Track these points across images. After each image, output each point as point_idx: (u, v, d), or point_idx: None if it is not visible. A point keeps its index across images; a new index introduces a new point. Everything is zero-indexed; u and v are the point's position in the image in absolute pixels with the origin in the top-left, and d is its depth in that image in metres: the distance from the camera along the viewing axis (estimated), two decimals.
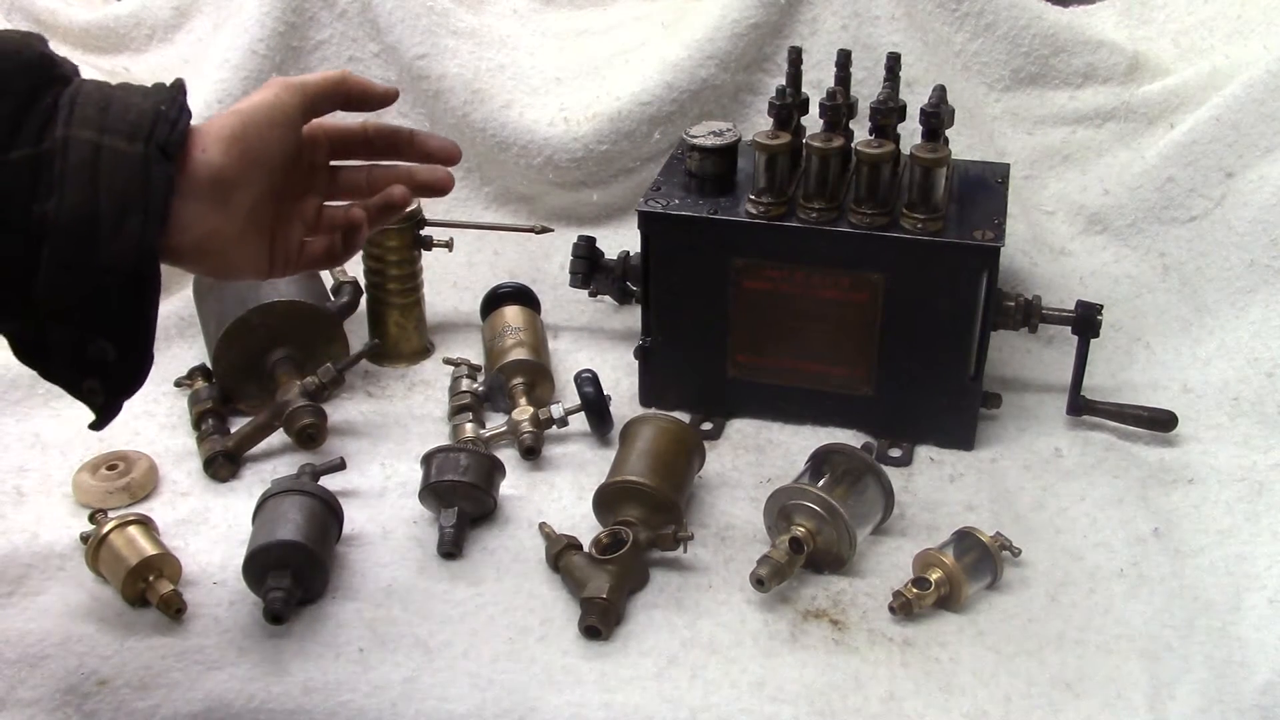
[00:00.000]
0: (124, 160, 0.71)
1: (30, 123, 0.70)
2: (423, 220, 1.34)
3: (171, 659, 0.95)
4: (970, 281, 1.13)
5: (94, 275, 0.71)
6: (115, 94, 0.73)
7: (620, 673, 0.94)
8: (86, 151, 0.70)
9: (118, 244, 0.71)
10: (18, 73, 0.71)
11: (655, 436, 1.11)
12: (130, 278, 0.72)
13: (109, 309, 0.73)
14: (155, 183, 0.71)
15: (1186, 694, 0.92)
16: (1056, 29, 1.43)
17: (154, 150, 0.71)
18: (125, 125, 0.71)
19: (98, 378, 0.75)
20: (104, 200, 0.70)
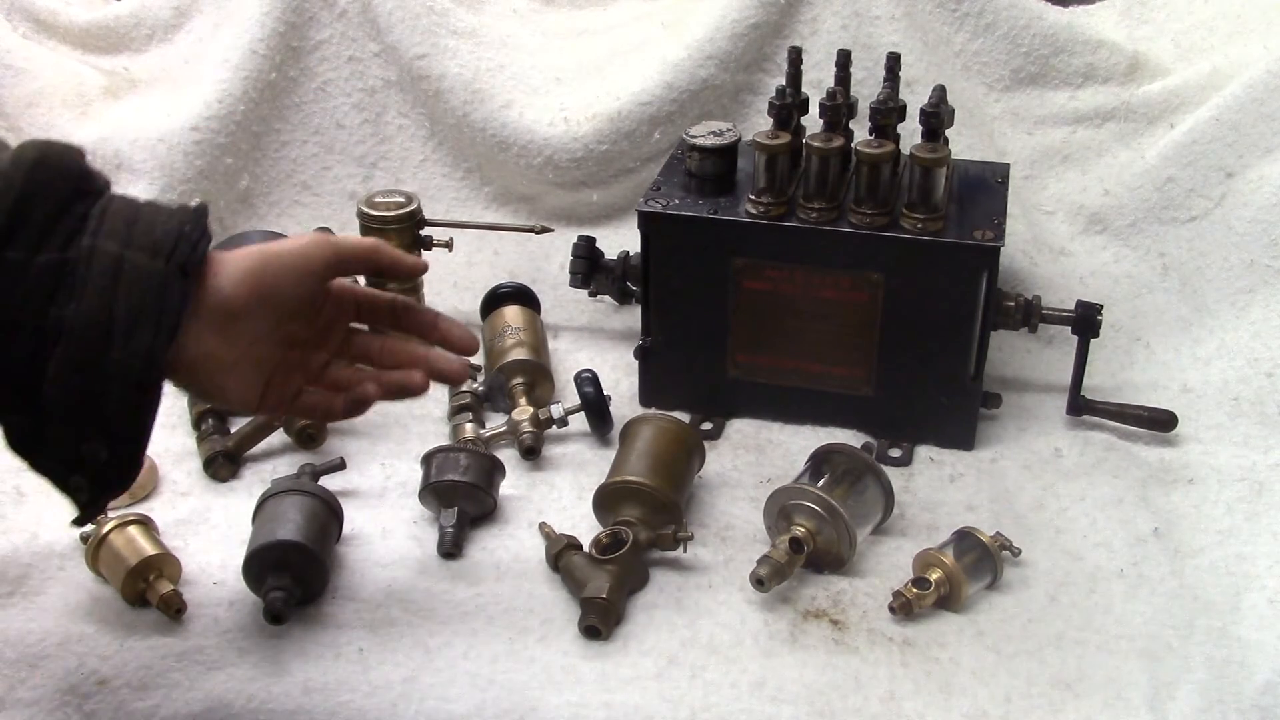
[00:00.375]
0: (144, 274, 0.74)
1: (60, 229, 0.73)
2: (423, 220, 1.34)
3: (171, 659, 0.95)
4: (970, 281, 1.13)
5: (101, 379, 0.74)
6: (143, 211, 0.77)
7: (620, 673, 0.94)
8: (109, 263, 0.73)
9: (128, 352, 0.74)
10: (57, 181, 0.75)
11: (655, 436, 1.11)
12: (134, 385, 0.75)
13: (108, 412, 0.75)
14: (170, 298, 0.75)
15: (1186, 694, 0.92)
16: (1056, 29, 1.43)
17: (173, 268, 0.75)
18: (149, 242, 0.75)
19: (86, 476, 0.77)
20: (120, 309, 0.73)
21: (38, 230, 0.73)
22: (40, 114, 1.45)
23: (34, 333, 0.73)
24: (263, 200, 1.51)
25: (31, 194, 0.73)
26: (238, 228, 1.46)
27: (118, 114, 1.47)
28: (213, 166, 1.44)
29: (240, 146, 1.47)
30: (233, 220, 1.48)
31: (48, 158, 0.75)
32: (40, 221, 0.73)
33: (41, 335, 0.73)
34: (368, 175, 1.55)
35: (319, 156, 1.54)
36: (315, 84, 1.52)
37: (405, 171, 1.56)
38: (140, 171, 1.40)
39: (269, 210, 1.51)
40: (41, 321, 0.72)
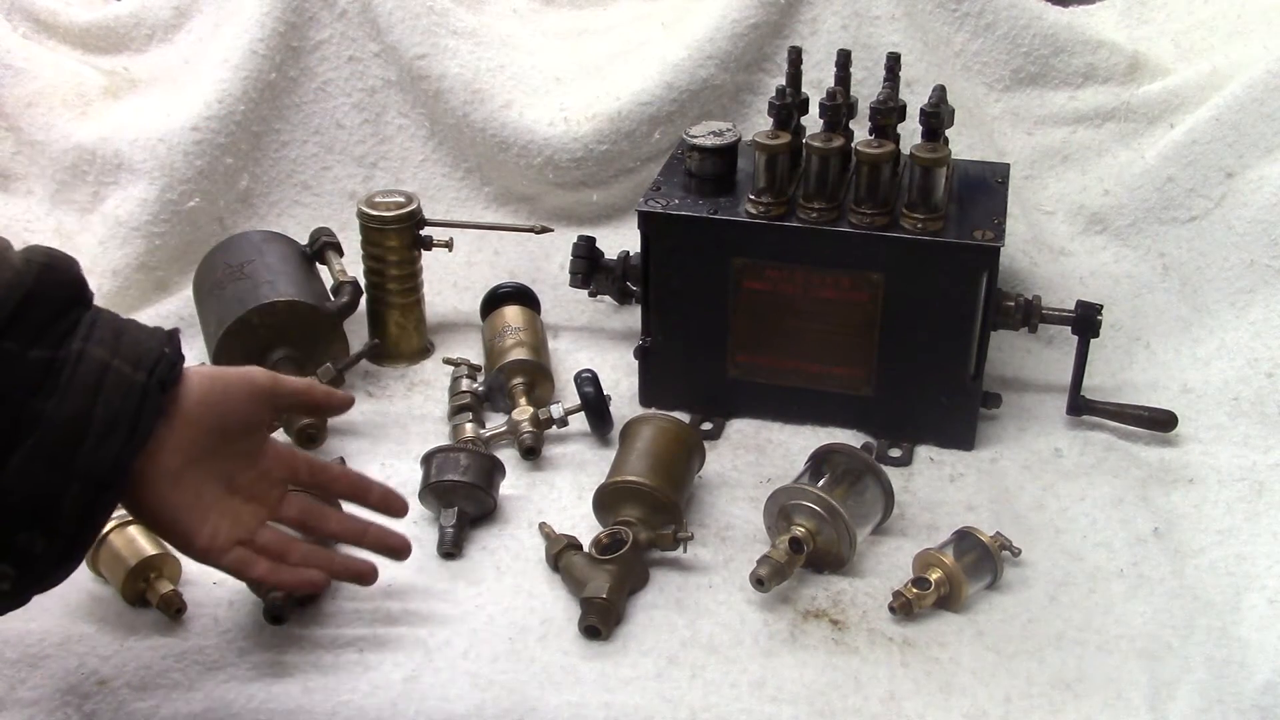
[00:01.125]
0: (127, 384, 0.78)
1: (55, 330, 0.78)
2: (423, 220, 1.34)
3: (171, 659, 0.95)
4: (970, 281, 1.13)
5: (65, 476, 0.76)
6: (127, 326, 0.82)
7: (620, 673, 0.94)
8: (97, 367, 0.78)
9: (99, 454, 0.77)
10: (61, 286, 0.79)
11: (655, 436, 1.11)
12: (96, 485, 0.77)
13: (62, 508, 0.76)
14: (147, 410, 0.79)
15: (1186, 694, 0.92)
16: (1056, 29, 1.43)
17: (154, 383, 0.80)
18: (135, 354, 0.80)
19: (14, 565, 0.77)
20: (99, 413, 0.77)
21: (36, 327, 0.77)
22: (40, 114, 1.45)
23: (11, 423, 0.75)
24: (263, 200, 1.51)
25: (38, 294, 0.77)
26: (238, 228, 1.46)
27: (118, 114, 1.47)
28: (213, 166, 1.44)
29: (240, 146, 1.47)
30: (233, 220, 1.48)
31: (55, 262, 0.80)
32: (40, 320, 0.77)
33: (16, 425, 0.75)
34: (368, 175, 1.55)
35: (319, 156, 1.54)
36: (315, 84, 1.52)
37: (405, 171, 1.56)
38: (140, 171, 1.40)
39: (269, 210, 1.51)
40: (19, 412, 0.75)
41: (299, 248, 1.36)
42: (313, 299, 1.26)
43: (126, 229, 1.40)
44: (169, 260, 1.42)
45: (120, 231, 1.40)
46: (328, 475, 0.96)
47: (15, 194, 1.48)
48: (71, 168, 1.44)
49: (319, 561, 0.93)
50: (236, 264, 1.29)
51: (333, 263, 1.34)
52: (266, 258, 1.30)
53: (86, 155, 1.43)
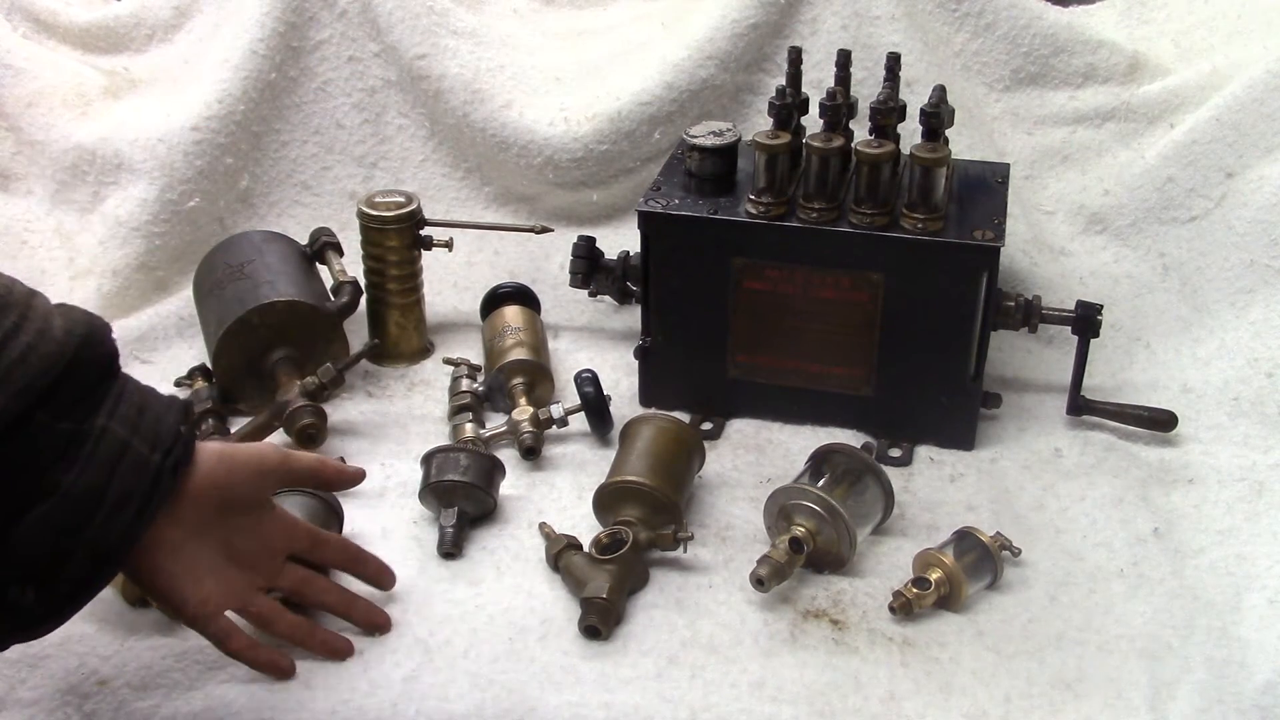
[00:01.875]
0: (143, 464, 0.81)
1: (84, 403, 0.80)
2: (423, 220, 1.34)
3: (171, 659, 0.95)
4: (970, 281, 1.13)
5: (74, 544, 0.78)
6: (149, 402, 0.84)
7: (620, 673, 0.94)
8: (117, 446, 0.80)
9: (108, 527, 0.79)
10: (96, 359, 0.81)
11: (655, 436, 1.11)
12: (101, 557, 0.80)
13: (64, 573, 0.78)
14: (159, 491, 0.82)
15: (1186, 694, 0.92)
16: (1056, 29, 1.43)
17: (168, 465, 0.83)
18: (153, 435, 0.82)
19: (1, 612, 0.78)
20: (114, 489, 0.79)
21: (69, 400, 0.79)
22: (40, 114, 1.45)
23: (28, 486, 0.77)
24: (263, 200, 1.51)
25: (74, 367, 0.79)
26: (238, 228, 1.46)
27: (118, 114, 1.47)
28: (213, 166, 1.44)
29: (240, 146, 1.47)
30: (233, 220, 1.48)
31: (93, 333, 0.81)
32: (73, 393, 0.79)
33: (33, 491, 0.77)
34: (368, 175, 1.55)
35: (319, 156, 1.54)
36: (315, 84, 1.52)
37: (405, 171, 1.56)
38: (140, 171, 1.40)
39: (269, 210, 1.51)
40: (39, 480, 0.77)
41: (299, 248, 1.36)
42: (313, 299, 1.26)
43: (126, 229, 1.40)
44: (169, 260, 1.42)
45: (120, 231, 1.40)
46: (326, 549, 0.98)
47: (15, 194, 1.48)
48: (71, 168, 1.44)
49: (302, 635, 0.95)
50: (236, 264, 1.29)
51: (333, 263, 1.34)
52: (266, 258, 1.30)
53: (86, 155, 1.43)
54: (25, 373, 0.76)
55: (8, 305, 0.77)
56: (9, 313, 0.76)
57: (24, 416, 0.76)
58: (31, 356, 0.76)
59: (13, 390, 0.75)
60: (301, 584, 0.96)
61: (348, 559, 1.00)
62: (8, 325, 0.76)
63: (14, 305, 0.77)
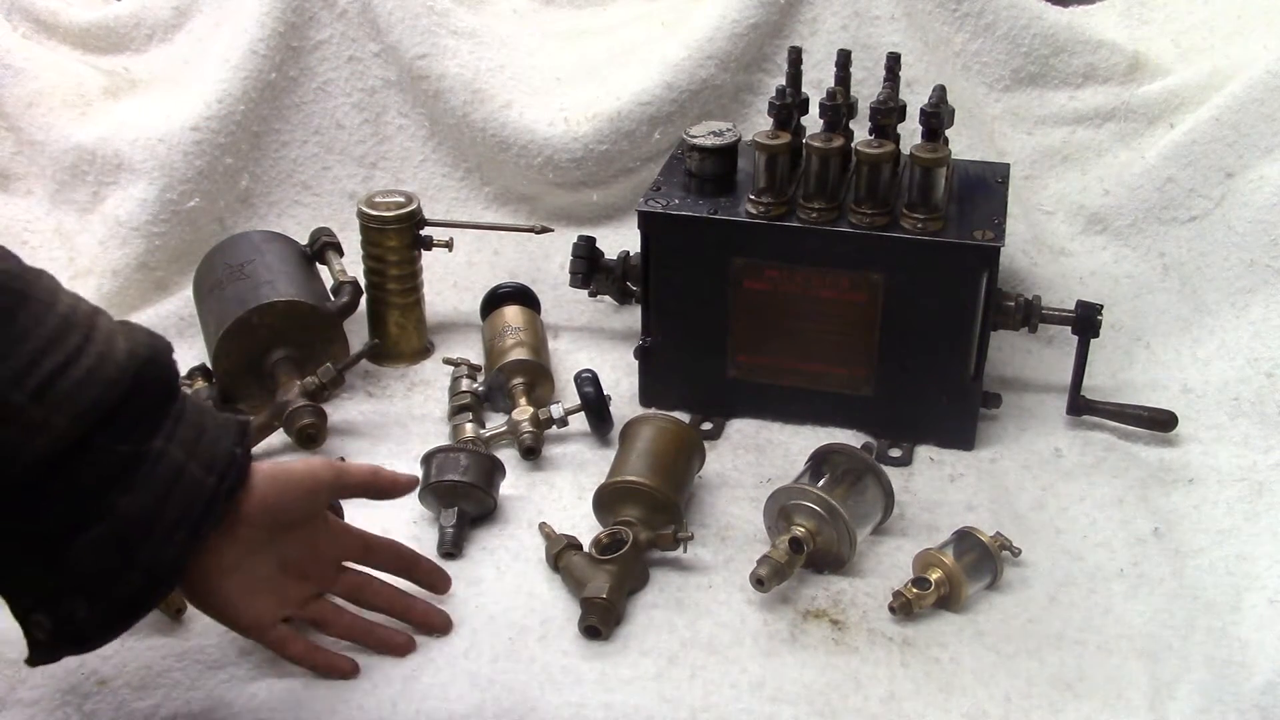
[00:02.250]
0: (198, 487, 0.81)
1: (144, 426, 0.80)
2: (423, 220, 1.34)
3: (172, 659, 0.95)
4: (970, 281, 1.13)
5: (127, 563, 0.79)
6: (206, 423, 0.84)
7: (620, 673, 0.94)
8: (173, 470, 0.80)
9: (161, 549, 0.79)
10: (157, 384, 0.81)
11: (655, 436, 1.11)
12: (154, 578, 0.80)
13: (116, 591, 0.79)
14: (211, 515, 0.82)
15: (1186, 694, 0.92)
16: (1056, 29, 1.43)
17: (223, 489, 0.83)
18: (209, 458, 0.82)
19: (53, 621, 0.79)
20: (169, 512, 0.80)
21: (129, 424, 0.78)
22: (40, 114, 1.45)
23: (85, 508, 0.77)
24: (263, 200, 1.51)
25: (136, 391, 0.79)
26: (238, 228, 1.46)
27: (118, 114, 1.47)
28: (213, 166, 1.44)
29: (240, 146, 1.47)
30: (233, 220, 1.48)
31: (155, 357, 0.81)
32: (133, 416, 0.79)
33: (89, 512, 0.77)
34: (368, 175, 1.55)
35: (319, 156, 1.54)
36: (315, 84, 1.52)
37: (405, 171, 1.56)
38: (140, 171, 1.40)
39: (269, 210, 1.51)
40: (97, 502, 0.77)
41: (299, 248, 1.36)
42: (313, 299, 1.26)
43: (126, 229, 1.40)
44: (169, 260, 1.42)
45: (120, 231, 1.40)
46: (379, 554, 0.98)
47: (15, 194, 1.48)
48: (71, 168, 1.44)
49: (359, 634, 0.96)
50: (236, 264, 1.29)
51: (333, 263, 1.34)
52: (266, 258, 1.30)
53: (86, 155, 1.43)
54: (87, 396, 0.75)
55: (72, 325, 0.76)
56: (72, 334, 0.76)
57: (84, 439, 0.76)
58: (94, 379, 0.76)
59: (74, 413, 0.75)
60: (356, 589, 0.97)
61: (400, 564, 0.99)
62: (70, 347, 0.75)
63: (78, 325, 0.76)
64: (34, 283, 0.76)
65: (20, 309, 0.74)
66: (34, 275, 0.77)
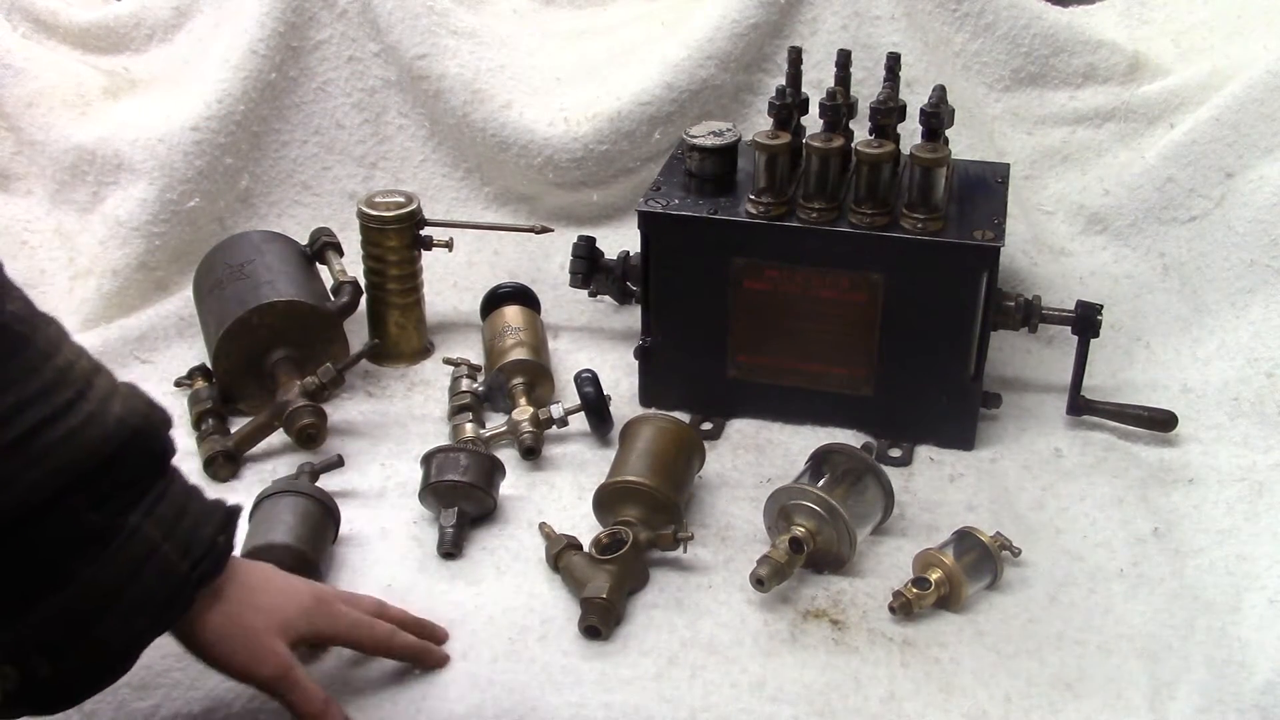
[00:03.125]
0: (169, 570, 0.78)
1: (121, 497, 0.77)
2: (423, 220, 1.34)
3: (172, 659, 0.95)
4: (970, 281, 1.13)
5: (81, 637, 0.75)
6: (191, 505, 0.81)
7: (620, 673, 0.94)
8: (145, 548, 0.77)
9: (120, 629, 0.76)
10: (143, 455, 0.78)
11: (655, 436, 1.11)
12: (109, 657, 0.77)
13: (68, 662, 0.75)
14: (177, 603, 0.79)
15: (1186, 694, 0.92)
16: (1056, 29, 1.43)
17: (194, 578, 0.80)
18: (185, 541, 0.79)
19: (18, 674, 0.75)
20: (133, 592, 0.76)
21: (106, 491, 0.75)
22: (40, 114, 1.45)
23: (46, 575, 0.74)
24: (263, 200, 1.51)
25: (119, 460, 0.76)
26: (238, 228, 1.46)
27: (118, 114, 1.47)
28: (213, 166, 1.44)
29: (240, 146, 1.47)
30: (233, 220, 1.48)
31: (148, 428, 0.78)
32: (112, 485, 0.76)
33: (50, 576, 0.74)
34: (368, 175, 1.55)
35: (319, 156, 1.54)
36: (315, 84, 1.52)
37: (405, 171, 1.56)
38: (140, 171, 1.40)
39: (269, 210, 1.51)
40: (59, 567, 0.74)
41: (299, 248, 1.36)
42: (313, 299, 1.26)
43: (126, 229, 1.40)
44: (169, 260, 1.42)
45: (120, 231, 1.40)
46: None
47: (15, 194, 1.48)
48: (71, 168, 1.44)
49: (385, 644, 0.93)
50: (236, 264, 1.29)
51: (333, 263, 1.34)
52: (266, 258, 1.30)
53: (86, 155, 1.43)
54: (64, 455, 0.72)
55: (66, 381, 0.74)
56: (64, 389, 0.73)
57: (53, 499, 0.72)
58: (76, 439, 0.73)
59: (48, 469, 0.72)
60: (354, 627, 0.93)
61: None
62: (59, 402, 0.72)
63: (72, 382, 0.74)
64: (39, 329, 0.74)
65: (16, 355, 0.71)
66: (42, 322, 0.75)
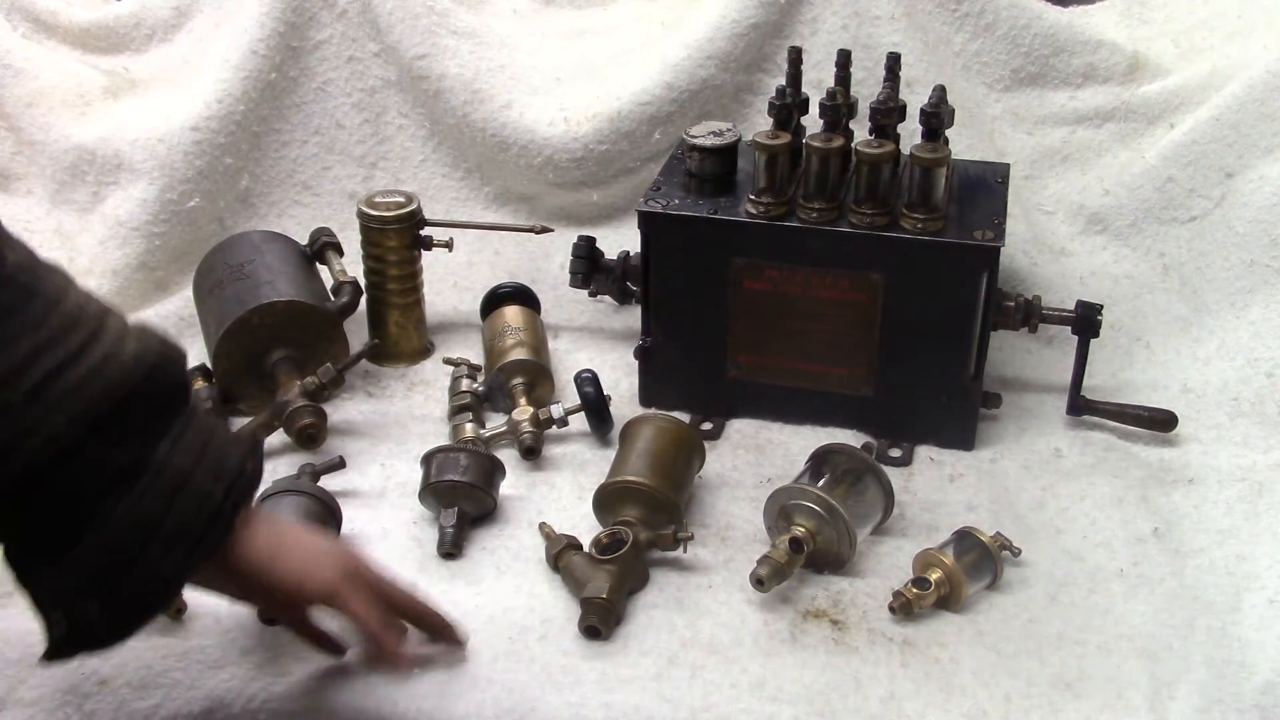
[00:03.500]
0: (204, 498, 0.79)
1: (145, 432, 0.77)
2: (423, 220, 1.34)
3: (172, 659, 0.95)
4: (970, 281, 1.13)
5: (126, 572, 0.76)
6: (215, 434, 0.81)
7: (620, 673, 0.94)
8: (178, 477, 0.77)
9: (162, 559, 0.77)
10: (162, 390, 0.78)
11: (655, 436, 1.11)
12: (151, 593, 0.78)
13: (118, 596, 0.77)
14: (217, 527, 0.79)
15: (1186, 694, 0.92)
16: (1056, 29, 1.43)
17: (229, 502, 0.80)
18: (215, 468, 0.80)
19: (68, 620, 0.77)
20: (168, 521, 0.77)
21: (130, 428, 0.76)
22: (40, 114, 1.45)
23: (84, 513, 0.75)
24: (263, 200, 1.51)
25: (138, 397, 0.76)
26: (238, 228, 1.46)
27: (118, 114, 1.47)
28: (213, 166, 1.44)
29: (240, 146, 1.47)
30: (233, 220, 1.48)
31: (165, 363, 0.79)
32: (137, 422, 0.76)
33: (88, 517, 0.75)
34: (368, 175, 1.55)
35: (319, 156, 1.54)
36: (315, 84, 1.52)
37: (405, 171, 1.56)
38: (140, 171, 1.40)
39: (269, 210, 1.51)
40: (95, 506, 0.75)
41: (299, 248, 1.36)
42: (313, 299, 1.26)
43: (126, 229, 1.40)
44: (169, 260, 1.42)
45: (120, 231, 1.40)
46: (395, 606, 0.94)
47: (15, 194, 1.48)
48: (71, 168, 1.44)
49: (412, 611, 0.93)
50: (236, 264, 1.29)
51: (333, 263, 1.34)
52: (266, 258, 1.30)
53: (86, 155, 1.43)
54: (85, 397, 0.73)
55: (77, 324, 0.74)
56: (77, 332, 0.74)
57: (79, 441, 0.73)
58: (94, 381, 0.73)
59: (70, 412, 0.72)
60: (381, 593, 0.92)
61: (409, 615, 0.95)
62: (72, 347, 0.73)
63: (83, 324, 0.74)
64: (44, 278, 0.74)
65: (25, 305, 0.72)
66: (45, 270, 0.75)
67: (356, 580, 0.88)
